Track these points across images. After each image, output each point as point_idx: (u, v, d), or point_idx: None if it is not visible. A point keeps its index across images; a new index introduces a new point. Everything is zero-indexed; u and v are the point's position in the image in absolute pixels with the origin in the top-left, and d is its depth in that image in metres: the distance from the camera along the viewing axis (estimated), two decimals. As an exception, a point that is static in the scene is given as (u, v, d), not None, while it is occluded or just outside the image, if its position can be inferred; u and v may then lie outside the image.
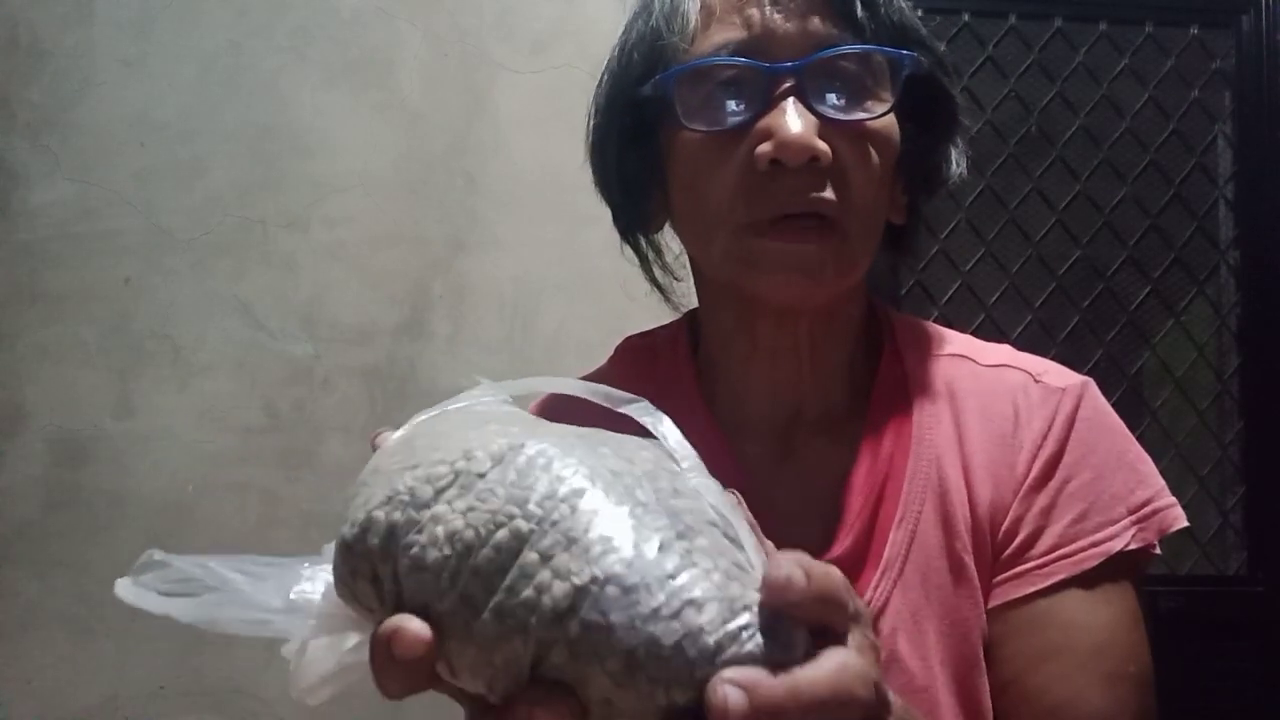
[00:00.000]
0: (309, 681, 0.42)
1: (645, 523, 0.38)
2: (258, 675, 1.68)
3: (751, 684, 0.34)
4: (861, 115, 0.64)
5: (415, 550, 0.38)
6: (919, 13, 0.69)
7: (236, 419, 1.75)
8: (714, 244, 0.66)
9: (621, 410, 0.44)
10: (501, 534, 0.37)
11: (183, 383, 1.75)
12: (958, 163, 0.72)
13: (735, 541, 0.40)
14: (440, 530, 0.38)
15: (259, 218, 1.79)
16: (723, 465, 0.70)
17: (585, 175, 0.75)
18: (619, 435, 0.43)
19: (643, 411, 0.44)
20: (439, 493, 0.39)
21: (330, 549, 0.43)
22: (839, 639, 0.38)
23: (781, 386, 0.71)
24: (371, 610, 0.40)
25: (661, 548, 0.37)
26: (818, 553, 0.66)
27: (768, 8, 0.63)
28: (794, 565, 0.37)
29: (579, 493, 0.38)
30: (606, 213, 0.76)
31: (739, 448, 0.71)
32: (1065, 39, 2.06)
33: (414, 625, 0.37)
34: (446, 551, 0.37)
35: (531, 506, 0.38)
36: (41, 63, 1.78)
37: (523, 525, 0.37)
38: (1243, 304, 2.06)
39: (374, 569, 0.40)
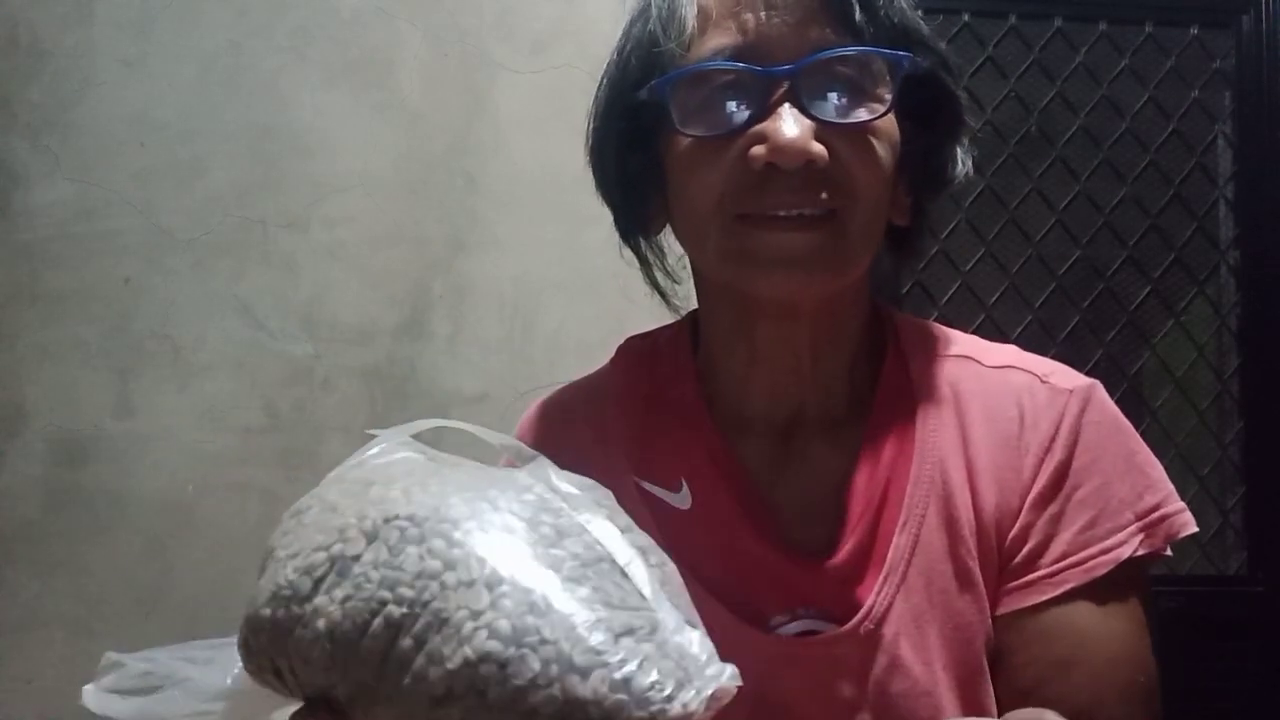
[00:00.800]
0: None
1: (520, 584, 0.37)
2: (258, 675, 1.68)
3: None
4: (858, 117, 0.63)
5: (303, 645, 0.39)
6: (919, 13, 0.69)
7: (236, 419, 1.75)
8: (709, 242, 0.66)
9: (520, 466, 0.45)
10: (377, 622, 0.38)
11: (183, 383, 1.75)
12: (963, 163, 0.72)
13: (624, 575, 0.40)
14: (321, 624, 0.39)
15: (259, 218, 1.79)
16: (724, 466, 0.70)
17: (585, 175, 0.75)
18: (507, 473, 0.44)
19: (537, 468, 0.45)
20: (317, 583, 0.40)
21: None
22: None
23: (782, 389, 0.71)
24: (288, 691, 0.41)
25: (534, 610, 0.37)
26: (821, 555, 0.67)
27: (764, 12, 0.63)
28: None
29: (451, 564, 0.38)
30: (606, 213, 0.77)
31: (740, 449, 0.71)
32: (1065, 39, 2.06)
33: None
34: (328, 646, 0.39)
35: (403, 589, 0.38)
36: (41, 63, 1.78)
37: (395, 611, 0.38)
38: (1243, 304, 2.06)
39: (273, 662, 0.41)
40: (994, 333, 1.99)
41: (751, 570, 0.67)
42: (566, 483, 0.44)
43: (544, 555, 0.39)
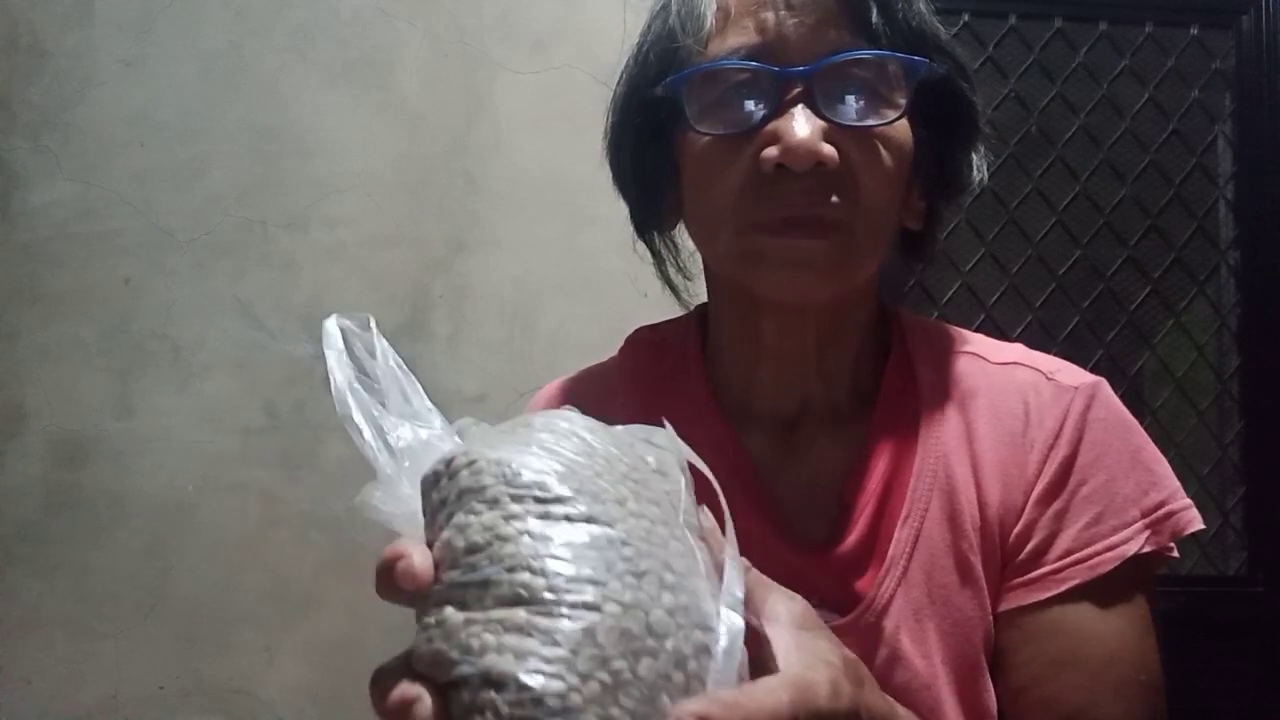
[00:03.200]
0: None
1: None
2: (258, 675, 1.68)
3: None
4: (872, 121, 0.64)
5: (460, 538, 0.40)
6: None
7: (236, 419, 1.75)
8: (719, 242, 0.67)
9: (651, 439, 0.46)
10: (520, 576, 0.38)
11: (183, 383, 1.75)
12: (977, 169, 0.72)
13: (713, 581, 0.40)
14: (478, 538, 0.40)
15: (259, 218, 1.79)
16: (729, 457, 0.70)
17: (585, 175, 0.76)
18: (643, 477, 0.44)
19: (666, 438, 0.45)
20: (517, 498, 0.40)
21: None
22: None
23: (788, 382, 0.71)
24: None
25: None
26: (823, 547, 0.67)
27: (782, 13, 0.63)
28: (711, 705, 0.36)
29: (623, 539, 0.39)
30: (607, 212, 0.77)
31: (745, 440, 0.72)
32: (1065, 39, 2.06)
33: (415, 561, 0.39)
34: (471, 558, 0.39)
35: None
36: (41, 63, 1.78)
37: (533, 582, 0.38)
38: (1243, 304, 2.06)
39: None
40: (994, 333, 1.97)
41: (754, 560, 0.67)
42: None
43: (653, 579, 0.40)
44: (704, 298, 0.77)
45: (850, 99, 0.63)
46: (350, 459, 1.74)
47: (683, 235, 0.75)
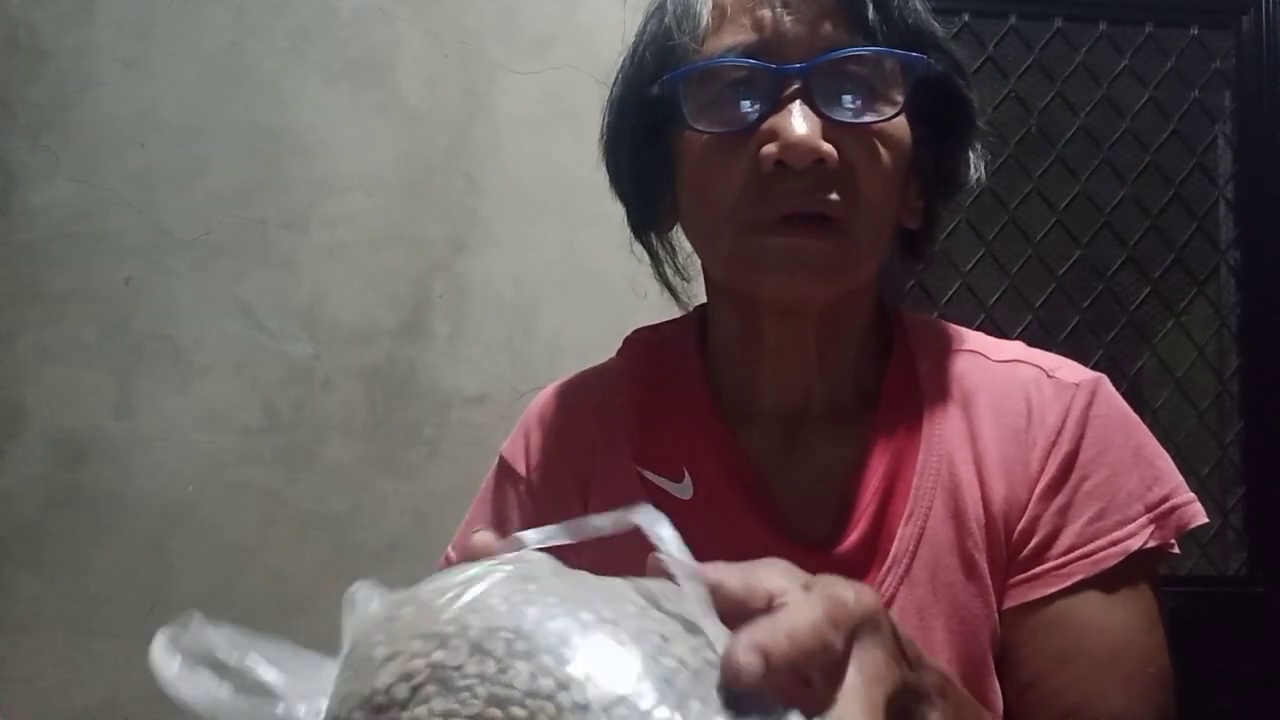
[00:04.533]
0: None
1: (637, 706, 0.35)
2: (258, 675, 1.68)
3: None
4: (870, 118, 0.63)
5: None
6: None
7: (236, 419, 1.75)
8: (719, 243, 0.66)
9: (630, 519, 0.43)
10: None
11: (183, 383, 1.75)
12: (975, 167, 0.72)
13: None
14: None
15: (259, 218, 1.79)
16: (730, 458, 0.70)
17: (585, 175, 0.75)
18: (606, 581, 0.42)
19: (647, 519, 0.42)
20: (415, 690, 0.37)
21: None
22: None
23: (788, 384, 0.71)
24: None
25: None
26: (825, 546, 0.67)
27: (779, 10, 0.63)
28: (749, 651, 0.36)
29: (564, 684, 0.36)
30: (607, 213, 0.76)
31: (744, 441, 0.71)
32: (1065, 39, 2.06)
33: None
34: None
35: (514, 709, 0.35)
36: (41, 63, 1.78)
37: None
38: (1243, 304, 2.06)
39: None
40: (994, 333, 1.96)
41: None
42: (678, 551, 0.42)
43: (654, 668, 0.37)
44: (703, 298, 0.77)
45: (848, 96, 0.63)
46: (350, 459, 1.75)
47: (680, 236, 0.75)
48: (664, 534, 0.41)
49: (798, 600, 0.38)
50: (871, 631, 0.40)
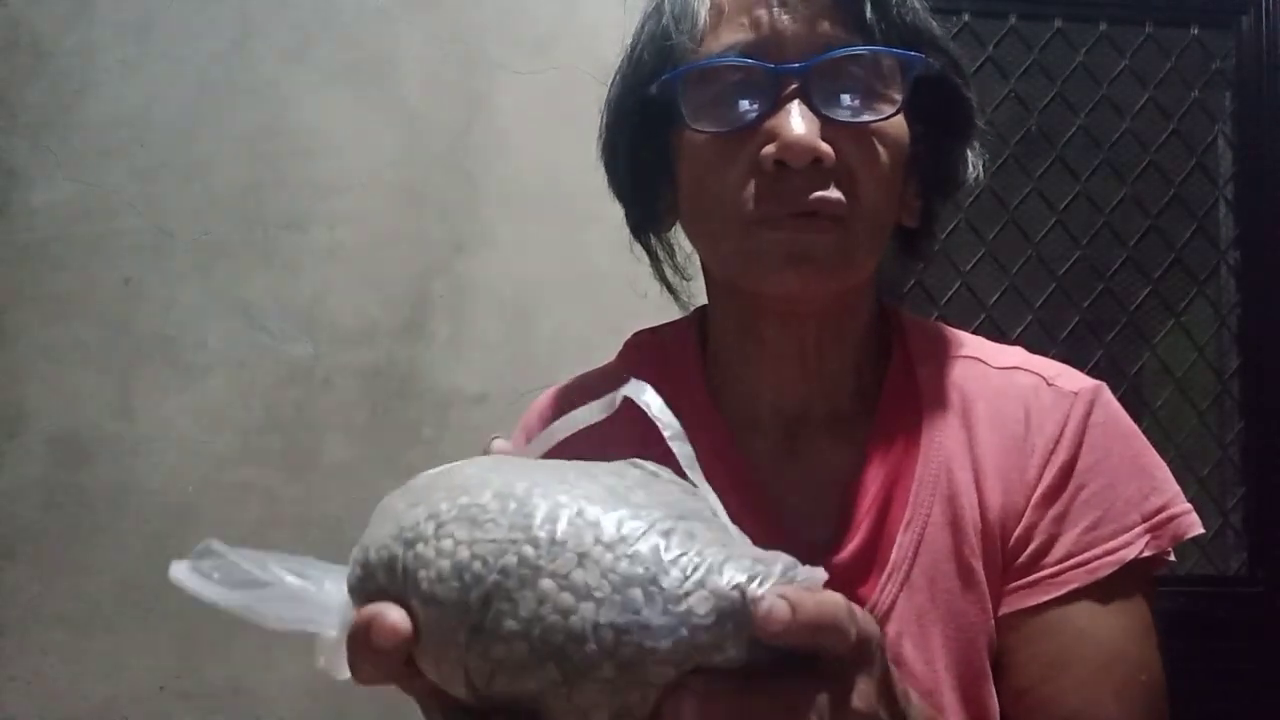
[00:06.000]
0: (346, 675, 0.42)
1: (644, 518, 0.39)
2: (258, 675, 1.68)
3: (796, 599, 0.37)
4: (868, 117, 0.64)
5: (425, 587, 0.38)
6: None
7: (236, 419, 1.75)
8: (720, 242, 0.66)
9: (620, 393, 0.46)
10: (509, 559, 0.38)
11: (183, 383, 1.75)
12: (973, 165, 0.72)
13: (726, 529, 0.42)
14: (447, 564, 0.38)
15: (259, 218, 1.79)
16: (729, 461, 0.70)
17: (585, 175, 0.75)
18: (607, 464, 0.45)
19: (633, 389, 0.46)
20: (441, 526, 0.39)
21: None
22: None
23: (787, 387, 0.71)
24: None
25: (666, 534, 0.38)
26: (825, 553, 0.66)
27: (776, 9, 0.63)
28: (780, 598, 0.37)
29: (580, 511, 0.39)
30: (607, 213, 0.76)
31: (745, 445, 0.71)
32: (1065, 39, 2.06)
33: (392, 616, 0.38)
34: (455, 584, 0.38)
35: (536, 531, 0.38)
36: (41, 63, 1.78)
37: (529, 551, 0.38)
38: (1243, 304, 2.06)
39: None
40: (994, 333, 1.99)
41: None
42: (662, 412, 0.46)
43: (662, 501, 0.40)
44: (702, 298, 0.77)
45: (846, 95, 0.63)
46: (350, 459, 1.75)
47: (679, 235, 0.75)
48: (650, 400, 0.45)
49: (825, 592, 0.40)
50: (866, 663, 0.41)
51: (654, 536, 0.38)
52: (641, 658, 0.36)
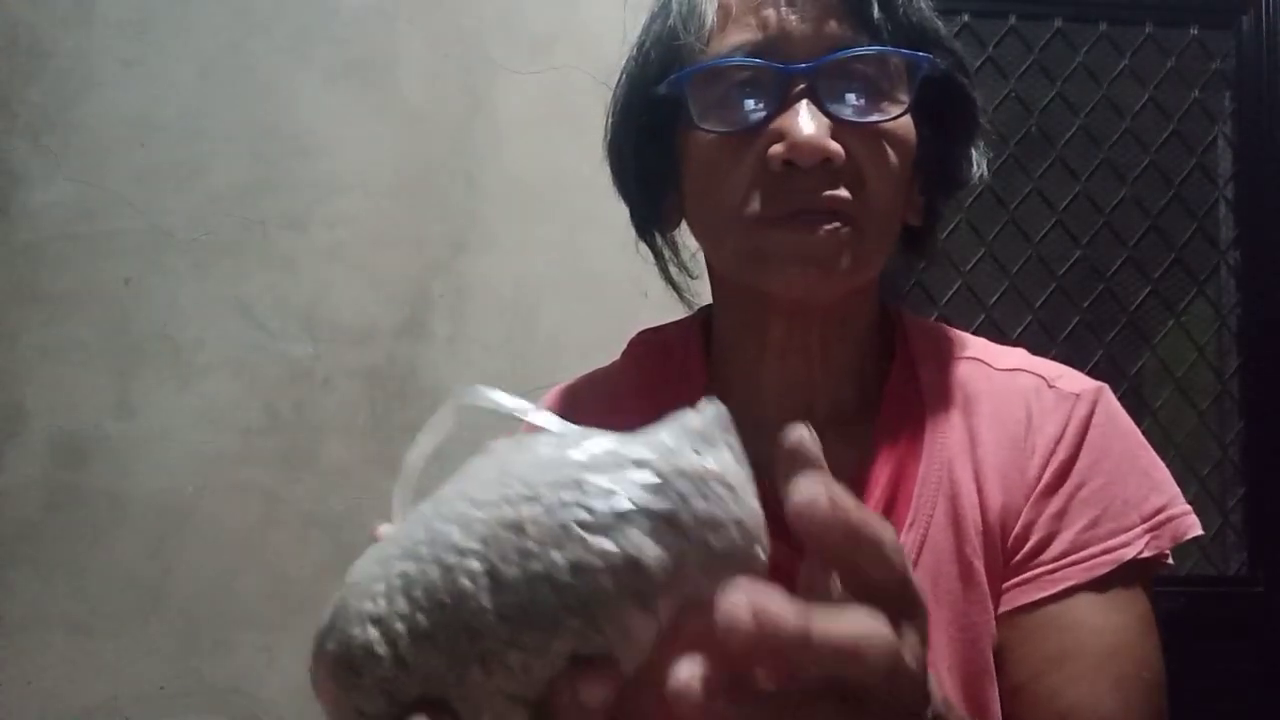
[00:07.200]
0: None
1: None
2: (258, 675, 1.68)
3: (762, 607, 0.32)
4: (876, 117, 0.64)
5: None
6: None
7: (236, 419, 1.75)
8: (726, 241, 0.66)
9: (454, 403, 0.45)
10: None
11: (183, 383, 1.75)
12: (977, 165, 0.72)
13: None
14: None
15: (259, 218, 1.79)
16: None
17: (585, 176, 0.75)
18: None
19: (471, 394, 0.45)
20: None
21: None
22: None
23: (792, 386, 0.71)
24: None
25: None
26: None
27: (784, 9, 0.63)
28: (817, 484, 0.34)
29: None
30: (607, 212, 0.76)
31: (750, 445, 0.71)
32: (1065, 39, 2.06)
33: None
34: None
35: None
36: (41, 63, 1.78)
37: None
38: (1243, 304, 2.06)
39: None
40: (994, 333, 1.99)
41: None
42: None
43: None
44: (706, 297, 0.77)
45: (854, 95, 0.63)
46: (350, 459, 1.75)
47: (684, 235, 0.75)
48: (500, 400, 0.46)
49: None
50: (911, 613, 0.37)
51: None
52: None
